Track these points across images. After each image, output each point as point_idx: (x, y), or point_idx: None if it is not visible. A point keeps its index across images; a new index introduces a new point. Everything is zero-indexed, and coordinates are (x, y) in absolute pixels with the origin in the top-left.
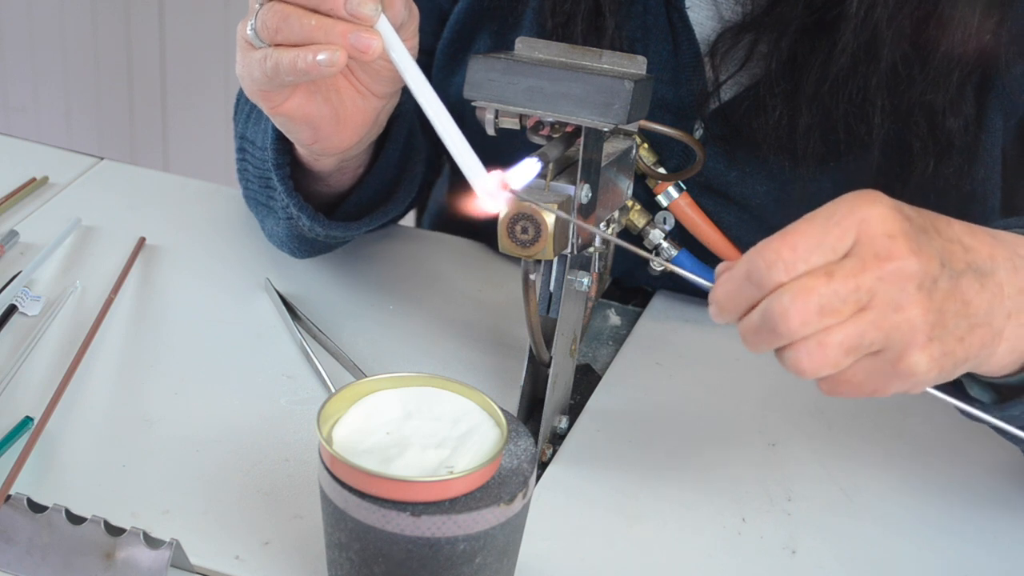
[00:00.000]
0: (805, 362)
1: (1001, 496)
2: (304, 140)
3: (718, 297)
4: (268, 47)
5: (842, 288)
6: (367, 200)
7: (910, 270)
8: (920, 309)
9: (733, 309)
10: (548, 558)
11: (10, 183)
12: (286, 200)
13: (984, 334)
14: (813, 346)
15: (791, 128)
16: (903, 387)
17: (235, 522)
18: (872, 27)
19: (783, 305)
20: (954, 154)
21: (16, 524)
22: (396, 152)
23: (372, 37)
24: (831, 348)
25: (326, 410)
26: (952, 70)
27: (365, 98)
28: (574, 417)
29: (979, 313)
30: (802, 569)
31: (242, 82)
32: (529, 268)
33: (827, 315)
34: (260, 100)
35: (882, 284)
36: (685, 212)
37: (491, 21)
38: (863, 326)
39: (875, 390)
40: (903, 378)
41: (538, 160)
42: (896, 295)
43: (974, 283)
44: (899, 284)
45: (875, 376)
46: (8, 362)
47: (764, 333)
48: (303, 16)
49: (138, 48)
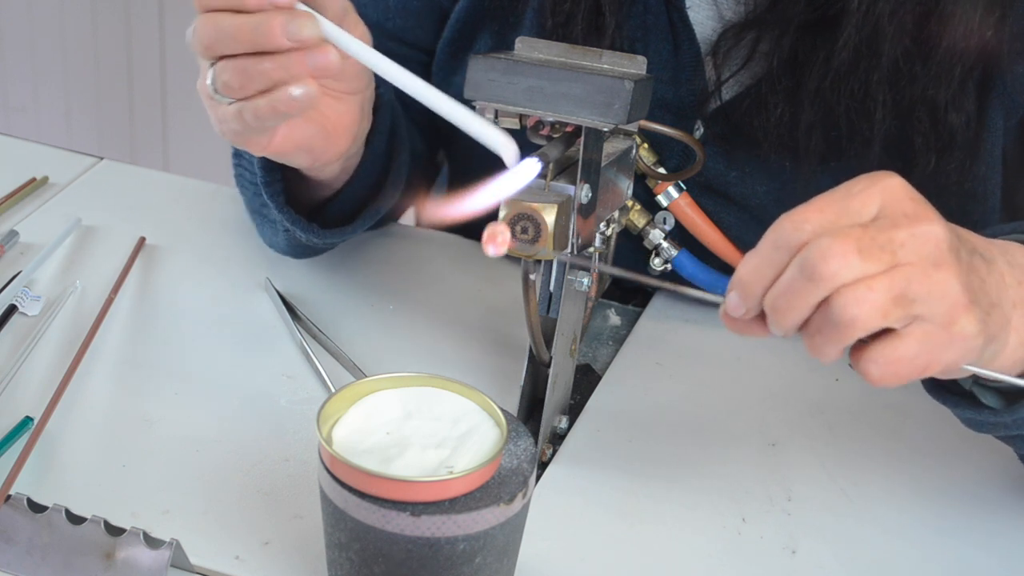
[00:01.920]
0: (852, 308)
1: (1000, 497)
2: (303, 164)
3: (742, 276)
4: (237, 101)
5: (879, 236)
6: (357, 196)
7: (940, 232)
8: (955, 271)
9: (759, 282)
10: (548, 558)
11: (10, 183)
12: (278, 215)
13: (999, 315)
14: (862, 289)
15: (793, 126)
16: (954, 355)
17: (235, 522)
18: (874, 22)
19: (821, 248)
20: (956, 150)
21: (16, 524)
22: (383, 143)
23: (326, 52)
24: (879, 292)
25: (326, 410)
26: (954, 66)
27: (343, 100)
28: (574, 417)
29: (992, 292)
30: (802, 569)
31: (223, 136)
32: (529, 268)
33: (867, 258)
34: (247, 147)
35: (916, 240)
36: (685, 212)
37: (492, 21)
38: (907, 276)
39: (927, 364)
40: (956, 342)
41: (538, 160)
42: (932, 251)
43: (982, 265)
44: (933, 242)
45: (927, 345)
46: (8, 362)
47: (801, 286)
48: (258, 63)
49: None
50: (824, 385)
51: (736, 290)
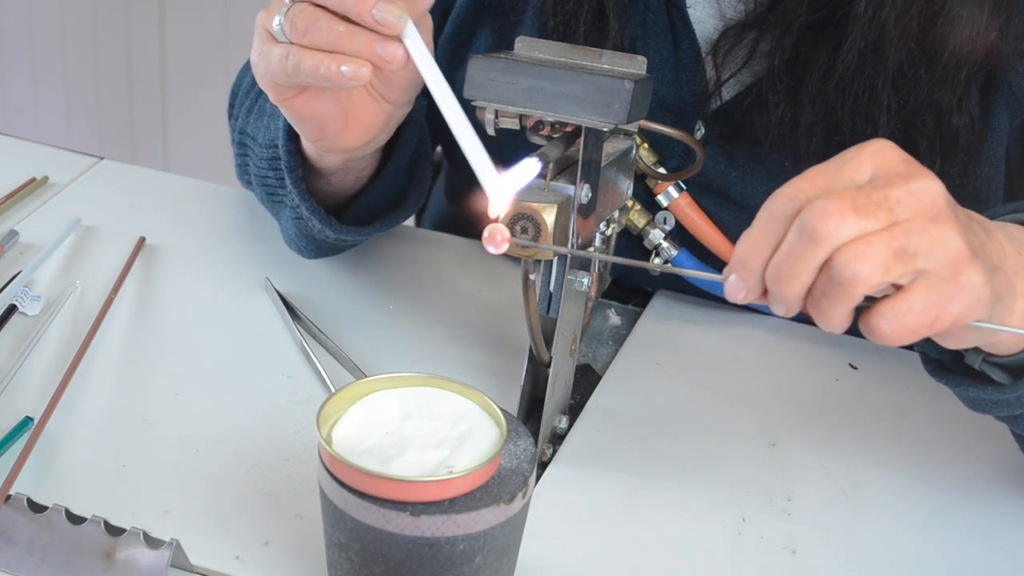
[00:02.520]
0: (855, 264)
1: (1001, 495)
2: (310, 136)
3: (741, 253)
4: (291, 45)
5: (874, 194)
6: (377, 205)
7: (935, 187)
8: (954, 224)
9: (758, 255)
10: (548, 558)
11: (10, 183)
12: (298, 201)
13: (1003, 277)
14: (861, 246)
15: (793, 125)
16: (963, 306)
17: (235, 522)
18: (879, 27)
19: (817, 208)
20: (959, 153)
21: (16, 524)
22: (406, 158)
23: (397, 47)
24: (879, 246)
25: (326, 410)
26: (959, 69)
27: (376, 102)
28: (574, 417)
29: (992, 256)
30: (802, 569)
31: (255, 70)
32: (529, 268)
33: (864, 215)
34: (270, 90)
35: (912, 197)
36: (685, 212)
37: (492, 18)
38: (905, 230)
39: (937, 316)
40: (964, 292)
41: (538, 160)
42: (929, 206)
43: (981, 231)
44: (929, 198)
45: (935, 297)
46: (8, 362)
47: (802, 248)
48: (332, 22)
49: (138, 48)
50: (824, 385)
51: (735, 270)
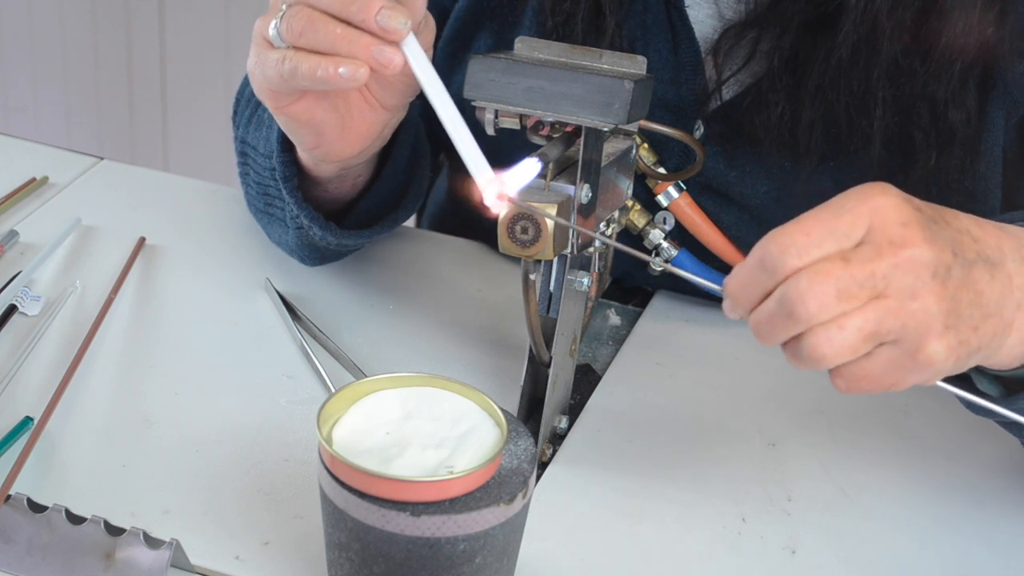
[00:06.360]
0: (824, 346)
1: (1001, 495)
2: (306, 144)
3: (731, 288)
4: (287, 49)
5: (859, 273)
6: (376, 206)
7: (925, 258)
8: (935, 297)
9: (746, 300)
10: (548, 558)
11: (10, 183)
12: (296, 211)
13: (996, 324)
14: (833, 330)
15: (793, 123)
16: (921, 378)
17: (235, 522)
18: (872, 18)
19: (800, 288)
20: (956, 147)
21: (16, 524)
22: (404, 158)
23: (395, 52)
24: (850, 332)
25: (326, 410)
26: (954, 62)
27: (373, 109)
28: (574, 417)
29: (991, 303)
30: (802, 569)
31: (252, 78)
32: (529, 268)
33: (844, 299)
34: (267, 98)
35: (898, 271)
36: (685, 212)
37: (491, 20)
38: (881, 312)
39: (893, 383)
40: (922, 368)
41: (538, 160)
42: (912, 283)
43: (985, 273)
44: (915, 272)
45: (894, 368)
46: (8, 362)
47: (779, 320)
48: (330, 23)
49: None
50: (824, 385)
51: (728, 298)
